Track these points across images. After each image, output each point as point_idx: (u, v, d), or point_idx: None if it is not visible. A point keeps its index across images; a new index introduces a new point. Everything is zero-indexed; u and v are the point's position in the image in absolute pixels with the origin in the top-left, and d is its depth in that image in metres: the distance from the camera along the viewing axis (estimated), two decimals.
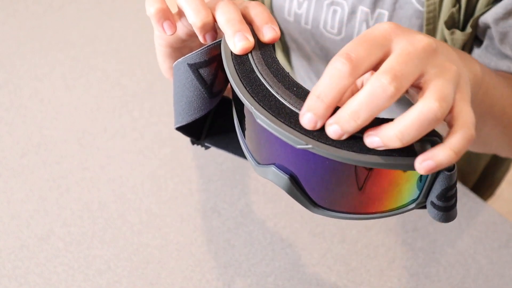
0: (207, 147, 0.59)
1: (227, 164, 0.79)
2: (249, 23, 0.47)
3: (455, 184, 0.42)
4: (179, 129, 0.54)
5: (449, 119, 0.40)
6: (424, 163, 0.38)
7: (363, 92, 0.38)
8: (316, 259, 0.71)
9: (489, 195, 1.00)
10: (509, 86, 0.63)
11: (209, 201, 0.76)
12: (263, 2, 0.78)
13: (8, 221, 0.73)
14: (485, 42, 0.66)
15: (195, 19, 0.46)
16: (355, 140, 0.39)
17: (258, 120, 0.41)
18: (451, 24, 0.64)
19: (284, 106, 0.41)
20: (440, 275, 0.70)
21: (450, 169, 0.41)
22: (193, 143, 0.58)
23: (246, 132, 0.48)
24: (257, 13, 0.47)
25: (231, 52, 0.45)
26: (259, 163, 0.47)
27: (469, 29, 0.64)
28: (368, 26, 0.69)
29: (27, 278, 0.69)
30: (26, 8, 1.02)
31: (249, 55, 0.44)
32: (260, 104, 0.41)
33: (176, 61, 0.49)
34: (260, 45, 0.45)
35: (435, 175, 0.42)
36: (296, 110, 0.40)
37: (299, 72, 0.88)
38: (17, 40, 0.95)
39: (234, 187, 0.77)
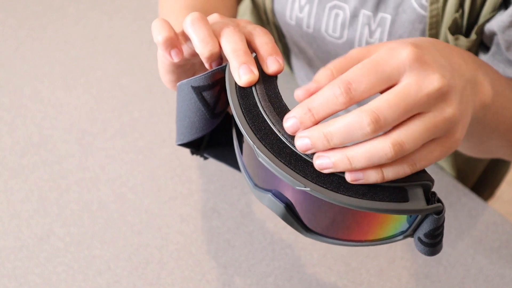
0: (205, 158, 0.60)
1: None
2: (253, 51, 0.47)
3: (442, 224, 0.44)
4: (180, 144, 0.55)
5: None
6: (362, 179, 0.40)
7: (344, 120, 0.39)
8: (316, 259, 0.71)
9: (488, 196, 1.00)
10: None
11: (209, 201, 0.76)
12: (264, 6, 0.78)
13: (8, 221, 0.73)
14: (493, 49, 0.64)
15: (202, 50, 0.46)
16: (351, 184, 0.41)
17: (259, 158, 0.42)
18: (455, 29, 0.64)
19: (285, 146, 0.42)
20: (440, 275, 0.70)
21: (438, 212, 0.42)
22: (192, 153, 0.59)
23: (244, 157, 0.49)
24: (262, 43, 0.47)
25: (235, 83, 0.45)
26: (256, 185, 0.48)
27: (473, 36, 0.63)
28: (370, 30, 0.69)
29: (27, 278, 0.69)
30: (26, 8, 1.02)
31: (253, 88, 0.45)
32: (261, 142, 0.42)
33: (180, 82, 0.49)
34: (264, 77, 0.45)
35: (424, 216, 0.43)
36: (297, 151, 0.42)
37: (299, 74, 0.88)
38: (17, 40, 0.95)
39: (234, 187, 0.77)
